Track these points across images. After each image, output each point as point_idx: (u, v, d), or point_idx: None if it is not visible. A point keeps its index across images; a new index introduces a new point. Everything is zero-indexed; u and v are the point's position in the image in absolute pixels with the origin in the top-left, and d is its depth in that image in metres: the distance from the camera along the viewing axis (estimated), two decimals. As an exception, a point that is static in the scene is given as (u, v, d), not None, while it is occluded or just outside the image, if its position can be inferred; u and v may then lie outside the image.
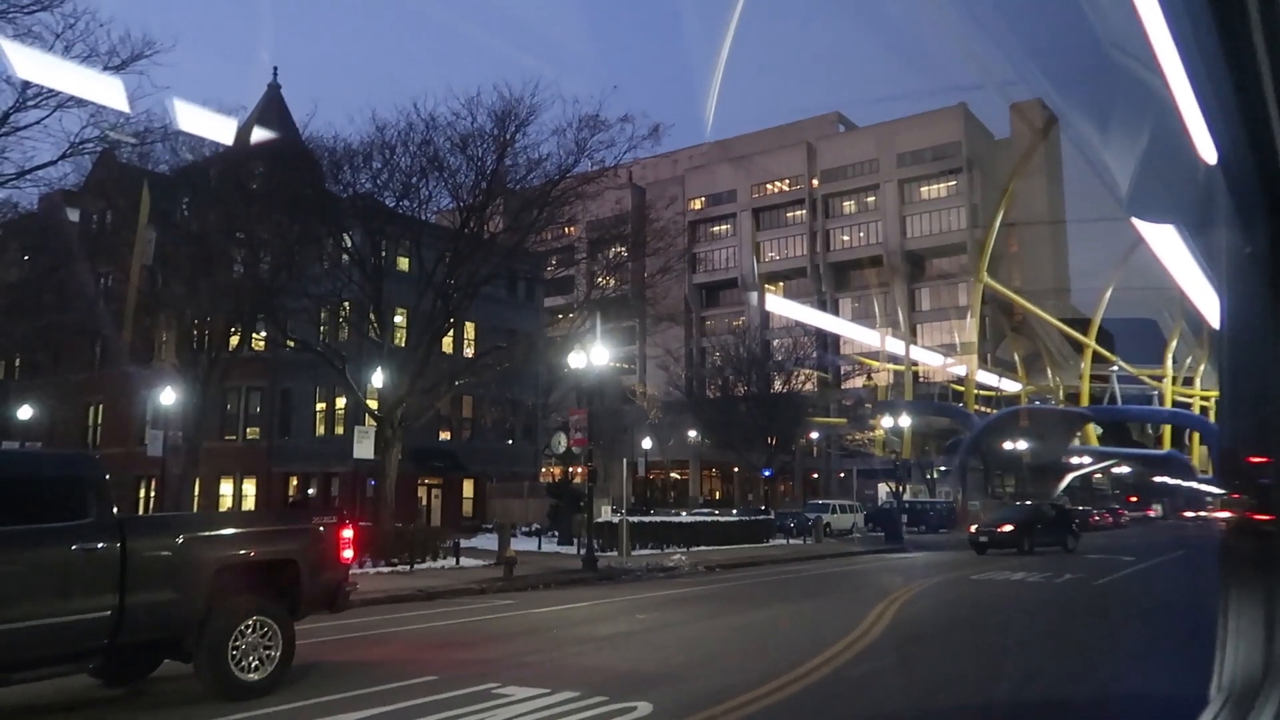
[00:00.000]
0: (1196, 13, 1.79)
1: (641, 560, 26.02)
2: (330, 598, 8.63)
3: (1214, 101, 2.03)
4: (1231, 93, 1.93)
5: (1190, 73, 1.98)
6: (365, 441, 26.12)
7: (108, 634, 6.99)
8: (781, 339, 62.92)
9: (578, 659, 10.22)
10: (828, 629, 12.08)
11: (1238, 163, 2.23)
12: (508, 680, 8.59)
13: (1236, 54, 1.81)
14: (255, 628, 7.79)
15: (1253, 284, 2.43)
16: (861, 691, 8.81)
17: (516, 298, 44.74)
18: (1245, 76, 1.86)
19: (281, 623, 8.00)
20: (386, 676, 8.90)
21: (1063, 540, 31.89)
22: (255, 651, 7.80)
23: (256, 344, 36.66)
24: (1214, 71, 1.90)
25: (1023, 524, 31.49)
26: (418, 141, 24.21)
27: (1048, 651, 11.35)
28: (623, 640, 11.63)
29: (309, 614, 8.75)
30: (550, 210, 26.16)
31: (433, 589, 18.15)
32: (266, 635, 7.89)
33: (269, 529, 8.55)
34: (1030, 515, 33.32)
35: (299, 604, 8.34)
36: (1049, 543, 31.23)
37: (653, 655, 10.54)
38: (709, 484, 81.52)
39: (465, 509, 44.49)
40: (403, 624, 13.50)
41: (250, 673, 7.72)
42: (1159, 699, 8.32)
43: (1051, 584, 20.11)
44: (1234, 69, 1.86)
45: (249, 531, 8.22)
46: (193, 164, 28.30)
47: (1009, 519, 32.74)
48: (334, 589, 8.60)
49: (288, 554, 8.19)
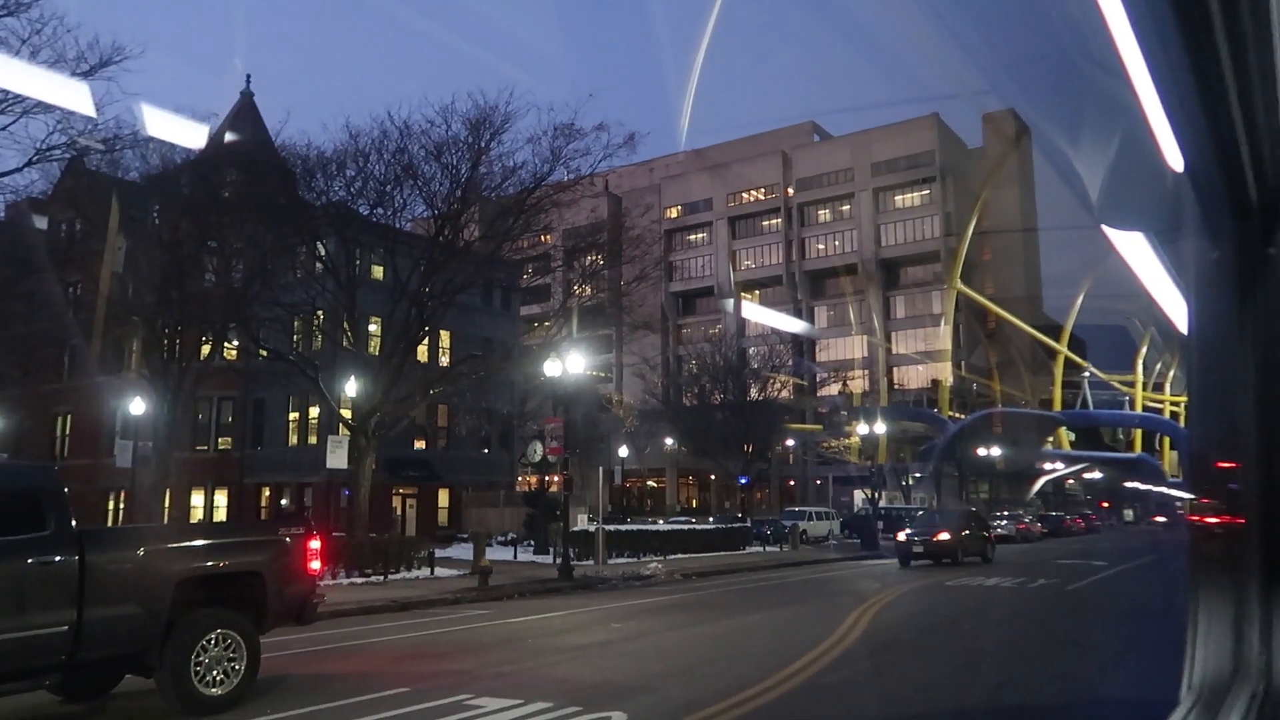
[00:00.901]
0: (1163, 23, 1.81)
1: (618, 569, 25.91)
2: (297, 610, 8.49)
3: (1181, 110, 2.06)
4: (1198, 102, 1.96)
5: (1157, 82, 2.01)
6: (338, 451, 25.85)
7: (66, 649, 6.83)
8: (758, 346, 63.09)
9: (552, 669, 10.12)
10: (802, 637, 12.04)
11: (1204, 170, 2.26)
12: (480, 692, 8.49)
13: (1202, 64, 1.84)
14: (219, 641, 7.64)
15: (1219, 289, 2.46)
16: (835, 700, 8.77)
17: (492, 306, 44.55)
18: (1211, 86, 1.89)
19: (246, 636, 7.85)
20: (356, 689, 8.76)
21: (983, 549, 29.26)
22: (219, 665, 7.65)
23: (229, 354, 36.27)
24: (1180, 81, 1.93)
25: (958, 531, 28.48)
26: (392, 149, 24.06)
27: (1020, 656, 11.38)
28: (598, 650, 11.53)
29: (276, 627, 8.60)
30: (526, 218, 26.05)
31: (406, 599, 17.96)
32: (231, 649, 7.74)
33: (233, 541, 8.38)
34: (964, 522, 30.07)
35: (265, 617, 8.19)
36: (974, 552, 28.62)
37: (628, 665, 10.46)
38: (686, 492, 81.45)
39: (441, 518, 44.16)
40: (375, 635, 13.33)
41: (214, 687, 7.57)
42: (1130, 701, 8.37)
43: (1025, 589, 20.20)
44: (1200, 79, 1.88)
45: (212, 543, 8.05)
46: (164, 172, 27.99)
47: (944, 525, 29.05)
48: (301, 601, 8.46)
49: (252, 566, 8.04)
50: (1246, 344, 2.35)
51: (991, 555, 29.45)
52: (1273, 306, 2.28)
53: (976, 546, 28.82)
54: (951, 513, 33.62)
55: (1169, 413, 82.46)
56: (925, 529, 28.79)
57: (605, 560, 27.58)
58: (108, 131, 24.44)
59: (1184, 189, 2.47)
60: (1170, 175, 2.39)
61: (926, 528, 28.96)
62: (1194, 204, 2.48)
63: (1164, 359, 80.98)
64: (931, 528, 28.70)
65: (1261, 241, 2.29)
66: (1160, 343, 73.24)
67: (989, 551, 29.51)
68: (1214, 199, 2.35)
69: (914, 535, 28.22)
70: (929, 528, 28.82)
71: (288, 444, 41.01)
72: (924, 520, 31.54)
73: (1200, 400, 2.82)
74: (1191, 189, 2.43)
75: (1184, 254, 2.75)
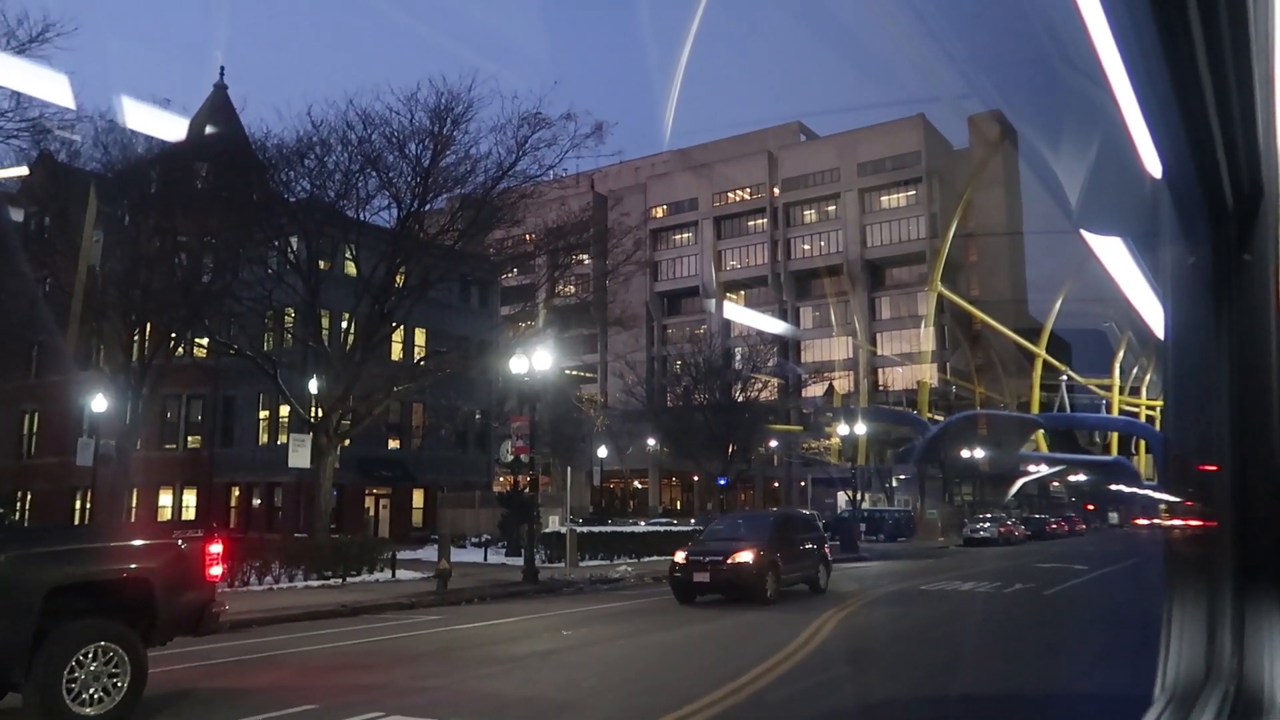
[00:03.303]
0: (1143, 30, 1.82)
1: (586, 572, 25.26)
2: (194, 620, 7.80)
3: (1160, 117, 2.09)
4: (1177, 109, 1.99)
5: (1137, 89, 2.04)
6: (301, 450, 25.14)
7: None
8: (742, 347, 62.54)
9: (480, 683, 9.45)
10: (759, 646, 11.43)
11: (1182, 176, 2.31)
12: (394, 710, 7.82)
13: (1181, 71, 1.86)
14: (98, 655, 6.95)
15: (1195, 293, 2.50)
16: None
17: (469, 305, 43.83)
18: (1190, 93, 1.92)
19: (130, 649, 7.16)
20: (260, 706, 8.08)
21: (811, 574, 19.22)
22: (98, 681, 6.95)
23: (198, 351, 35.45)
24: (1160, 88, 1.95)
25: (770, 548, 17.70)
26: (354, 140, 23.35)
27: (990, 667, 10.79)
28: (538, 661, 10.88)
29: (169, 638, 7.90)
30: (494, 211, 25.38)
31: (359, 604, 17.28)
32: (112, 663, 7.05)
33: (116, 545, 7.68)
34: (778, 534, 18.74)
35: (155, 628, 7.50)
36: (796, 578, 18.65)
37: (563, 677, 9.80)
38: (669, 493, 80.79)
39: (416, 519, 43.41)
40: (310, 643, 12.63)
41: (90, 705, 6.87)
42: (1106, 698, 8.20)
43: (1000, 594, 19.69)
44: (1179, 86, 1.91)
45: (92, 548, 7.37)
46: (129, 164, 27.21)
47: (747, 539, 18.23)
48: (198, 610, 7.78)
49: (139, 573, 7.35)
50: (1222, 348, 2.37)
51: (824, 583, 19.48)
52: (1248, 311, 2.30)
53: (800, 570, 18.78)
54: (759, 521, 20.77)
55: (1144, 417, 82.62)
56: (716, 547, 18.01)
57: (576, 563, 26.94)
58: (66, 118, 23.76)
59: (1162, 195, 2.52)
60: (1149, 181, 2.44)
61: (718, 544, 18.14)
62: (1171, 210, 2.54)
63: (1140, 363, 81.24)
64: (726, 544, 17.95)
65: (1237, 247, 2.31)
66: (1137, 347, 73.58)
67: (820, 577, 19.41)
68: (1191, 205, 2.40)
69: (698, 557, 17.53)
70: (722, 544, 18.04)
71: (258, 442, 40.18)
72: (718, 533, 19.75)
73: (1176, 404, 2.94)
74: (1169, 195, 2.49)
75: (1161, 259, 2.79)
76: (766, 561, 17.23)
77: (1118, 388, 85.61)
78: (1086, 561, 31.41)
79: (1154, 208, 2.62)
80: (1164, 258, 2.73)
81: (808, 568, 19.14)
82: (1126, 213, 2.85)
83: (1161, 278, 2.88)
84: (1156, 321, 2.99)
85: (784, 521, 20.22)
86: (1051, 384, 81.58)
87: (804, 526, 20.72)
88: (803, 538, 19.70)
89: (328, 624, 15.10)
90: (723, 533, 19.53)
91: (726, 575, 17.02)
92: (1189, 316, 2.61)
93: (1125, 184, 2.62)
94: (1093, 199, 2.77)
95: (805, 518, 22.93)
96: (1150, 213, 2.66)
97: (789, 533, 19.27)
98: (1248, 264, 2.29)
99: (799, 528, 20.25)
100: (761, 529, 19.03)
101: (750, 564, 17.08)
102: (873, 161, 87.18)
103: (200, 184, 28.34)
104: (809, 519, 22.76)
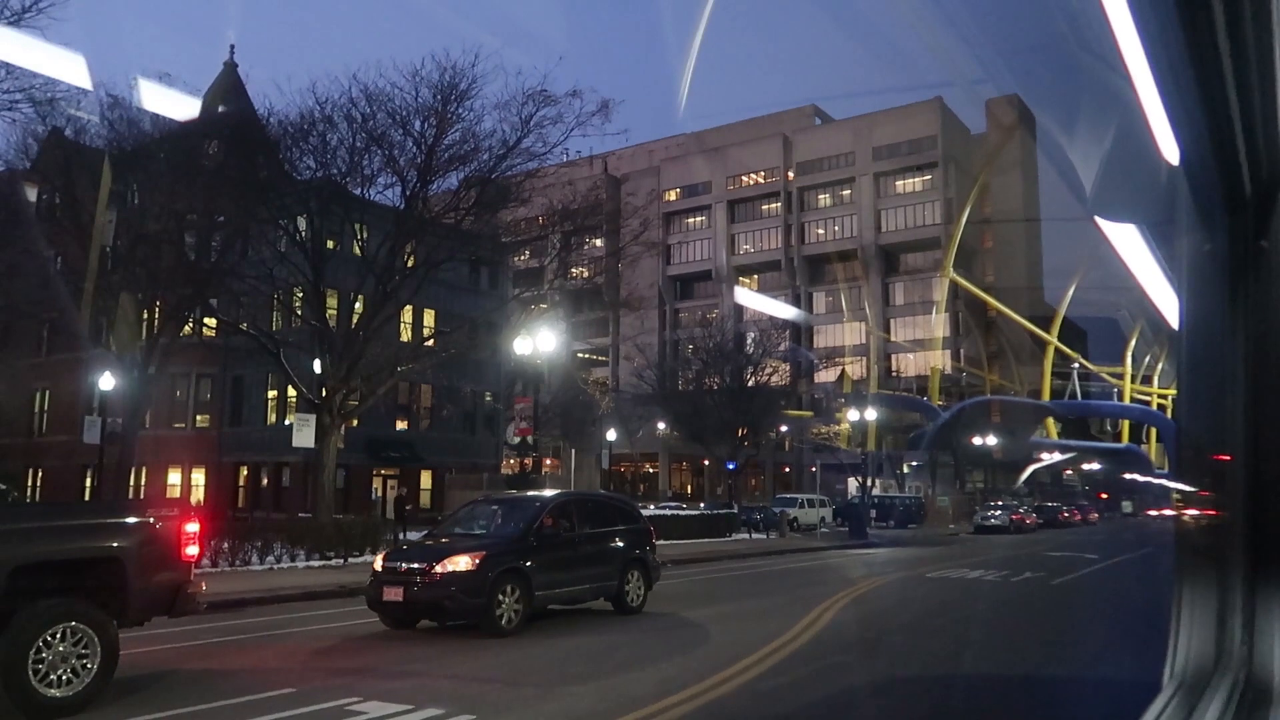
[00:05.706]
0: (1163, 14, 1.81)
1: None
2: (168, 601, 7.61)
3: (1178, 103, 2.07)
4: (1196, 94, 1.97)
5: (1156, 74, 2.01)
6: (305, 430, 25.06)
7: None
8: (753, 332, 62.16)
9: (462, 666, 9.25)
10: (755, 634, 11.19)
11: (1200, 162, 2.28)
12: (371, 695, 7.63)
13: (1201, 55, 1.83)
14: (65, 636, 6.77)
15: (1211, 281, 2.49)
16: (763, 710, 7.90)
17: (479, 286, 43.58)
18: (1209, 78, 1.89)
19: (100, 630, 6.98)
20: (239, 689, 7.91)
21: (612, 583, 13.36)
22: (66, 663, 6.78)
23: (207, 331, 35.40)
24: (1179, 73, 1.93)
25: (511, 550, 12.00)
26: (358, 117, 23.08)
27: (993, 657, 10.52)
28: (524, 645, 10.67)
29: (142, 619, 7.72)
30: (500, 190, 25.09)
31: (357, 585, 16.98)
32: (81, 644, 6.87)
33: (86, 523, 7.50)
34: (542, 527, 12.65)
35: (127, 609, 7.31)
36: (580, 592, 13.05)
37: (548, 663, 9.60)
38: (679, 477, 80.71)
39: (424, 500, 43.42)
40: (299, 624, 12.50)
41: (57, 687, 6.70)
42: (1115, 683, 8.15)
43: (1009, 582, 19.41)
44: (1199, 70, 1.88)
45: (59, 525, 7.19)
46: (140, 144, 27.08)
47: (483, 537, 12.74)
48: (172, 590, 7.58)
49: (109, 552, 7.16)
50: (1237, 337, 2.35)
51: (638, 599, 13.76)
52: (1264, 300, 2.29)
53: (590, 581, 13.11)
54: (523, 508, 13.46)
55: (1156, 405, 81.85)
56: (431, 548, 12.33)
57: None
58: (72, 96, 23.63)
59: (1178, 182, 2.50)
60: (1165, 168, 2.42)
61: (436, 545, 12.46)
62: (1188, 197, 2.51)
63: (1153, 352, 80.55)
64: (446, 545, 12.25)
65: (1254, 234, 2.30)
66: (1150, 335, 73.00)
67: (631, 589, 13.64)
68: (1208, 192, 2.38)
69: (395, 564, 11.90)
70: (441, 545, 12.32)
71: (266, 422, 40.18)
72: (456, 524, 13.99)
73: (1189, 393, 2.88)
74: (1186, 182, 2.46)
75: (1176, 247, 2.78)
76: (501, 571, 11.38)
77: (1129, 376, 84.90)
78: (1098, 550, 31.06)
79: (1170, 195, 2.62)
80: (1179, 245, 2.72)
81: (603, 577, 13.22)
82: (1142, 199, 2.84)
83: (1176, 265, 2.87)
84: (1170, 309, 2.98)
85: (561, 509, 13.48)
86: (1063, 371, 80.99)
87: (605, 516, 14.30)
88: (598, 533, 13.56)
89: (323, 604, 15.01)
90: (461, 525, 13.69)
91: (430, 592, 11.17)
92: (1204, 304, 2.60)
93: (1142, 170, 2.61)
94: (1108, 185, 2.77)
95: (609, 502, 16.30)
96: (1166, 200, 2.66)
97: (570, 525, 13.22)
98: (1264, 251, 2.29)
99: (594, 518, 13.93)
100: (519, 520, 12.79)
101: (468, 574, 11.17)
102: (888, 146, 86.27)
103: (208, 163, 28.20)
104: (618, 504, 16.01)
